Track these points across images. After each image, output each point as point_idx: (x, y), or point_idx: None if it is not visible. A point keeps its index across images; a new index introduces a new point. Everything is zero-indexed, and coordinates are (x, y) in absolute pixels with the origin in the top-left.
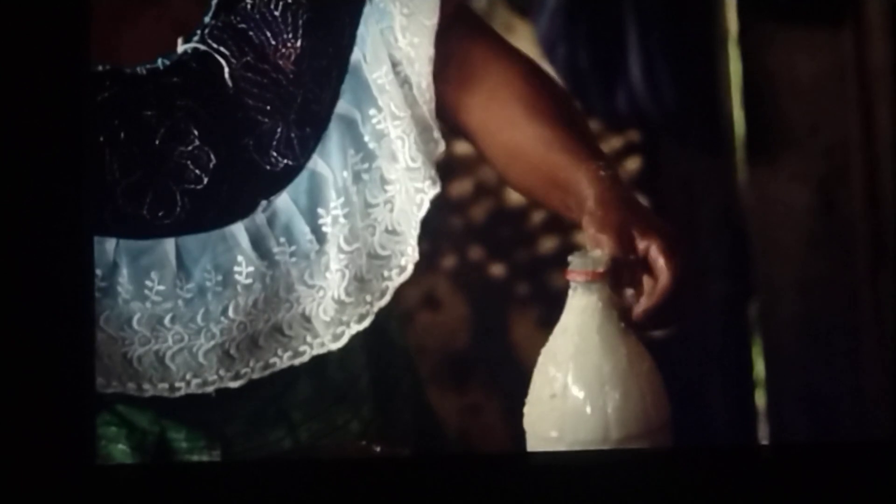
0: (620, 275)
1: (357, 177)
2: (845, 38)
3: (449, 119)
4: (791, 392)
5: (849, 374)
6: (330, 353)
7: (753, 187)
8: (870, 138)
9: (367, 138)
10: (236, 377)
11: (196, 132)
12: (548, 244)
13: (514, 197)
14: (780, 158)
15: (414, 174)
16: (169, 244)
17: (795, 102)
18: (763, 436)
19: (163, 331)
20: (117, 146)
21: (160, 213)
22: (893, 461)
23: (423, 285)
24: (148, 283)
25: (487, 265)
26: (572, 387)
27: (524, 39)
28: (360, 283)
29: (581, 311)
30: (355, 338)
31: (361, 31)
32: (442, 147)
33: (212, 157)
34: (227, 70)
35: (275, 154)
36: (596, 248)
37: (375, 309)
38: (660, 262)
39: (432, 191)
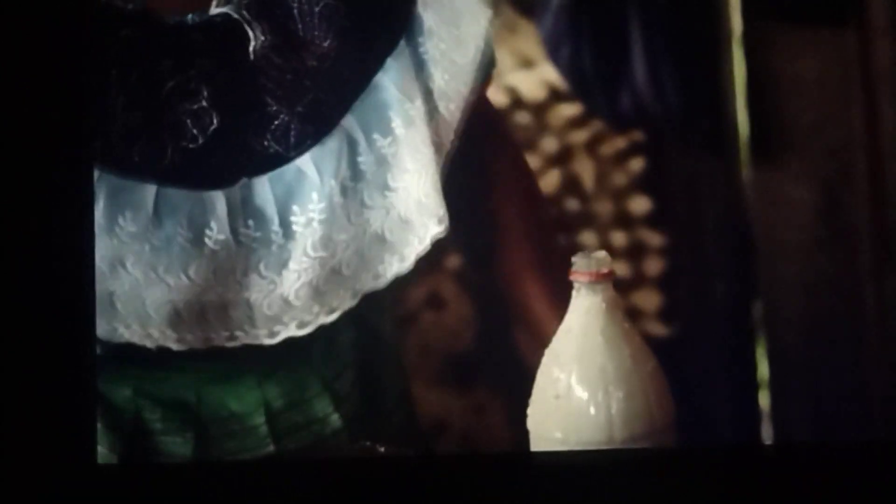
0: None
1: (343, 191)
2: (850, 38)
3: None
4: (795, 392)
5: (853, 374)
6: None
7: (757, 187)
8: (874, 138)
9: (361, 159)
10: (180, 341)
11: (206, 94)
12: None
13: None
14: (785, 158)
15: (423, 209)
16: (149, 189)
17: (800, 102)
18: (767, 436)
19: (122, 273)
20: (126, 87)
21: (148, 162)
22: None
23: (427, 285)
24: (121, 220)
25: None
26: (576, 387)
27: (528, 39)
28: (314, 291)
29: (585, 311)
30: (344, 333)
31: (390, 62)
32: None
33: (214, 121)
34: (253, 44)
35: (269, 138)
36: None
37: (319, 322)
38: None
39: (436, 229)
